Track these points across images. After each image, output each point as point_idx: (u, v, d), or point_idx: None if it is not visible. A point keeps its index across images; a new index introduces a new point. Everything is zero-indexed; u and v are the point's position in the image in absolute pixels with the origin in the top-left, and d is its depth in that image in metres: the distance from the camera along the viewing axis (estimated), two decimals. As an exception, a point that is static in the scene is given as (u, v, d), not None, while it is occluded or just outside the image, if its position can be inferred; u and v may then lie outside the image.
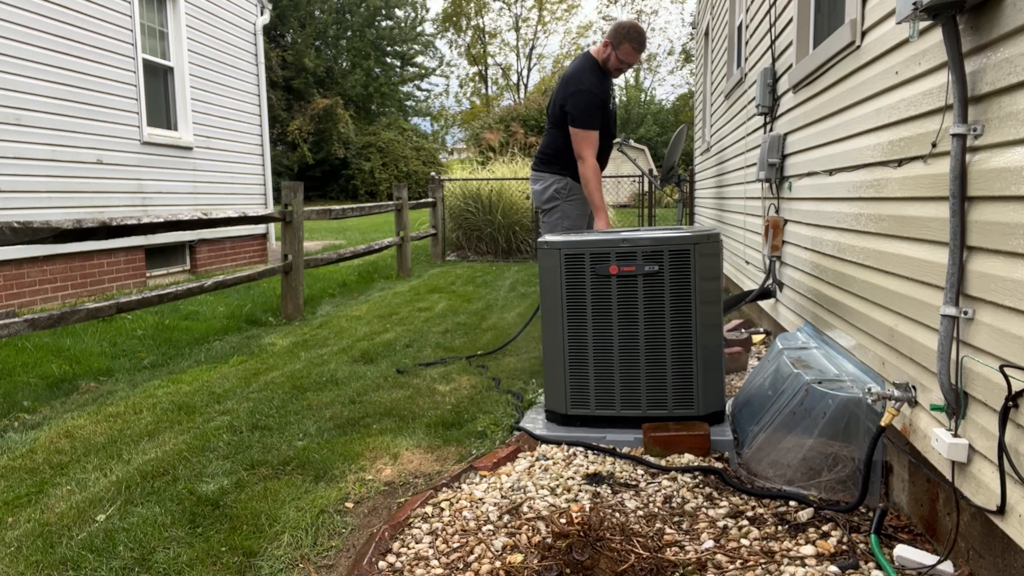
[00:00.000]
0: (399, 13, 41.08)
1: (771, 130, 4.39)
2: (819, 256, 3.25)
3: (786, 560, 1.96)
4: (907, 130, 2.21)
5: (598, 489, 2.46)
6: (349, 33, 39.58)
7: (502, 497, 2.41)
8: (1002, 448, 1.61)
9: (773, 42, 4.41)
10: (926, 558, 1.87)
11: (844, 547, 2.01)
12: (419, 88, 45.46)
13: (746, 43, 5.72)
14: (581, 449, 2.81)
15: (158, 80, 8.36)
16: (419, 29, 42.44)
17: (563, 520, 2.09)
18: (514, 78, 48.43)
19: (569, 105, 3.93)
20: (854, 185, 2.73)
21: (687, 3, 45.63)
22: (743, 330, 4.72)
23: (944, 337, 1.83)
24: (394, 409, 3.37)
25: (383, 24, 40.70)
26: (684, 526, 2.18)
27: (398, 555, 2.07)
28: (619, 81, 46.32)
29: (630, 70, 4.22)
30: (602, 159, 4.19)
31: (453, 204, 11.28)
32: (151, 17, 8.23)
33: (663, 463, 2.67)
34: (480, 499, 2.40)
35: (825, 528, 2.13)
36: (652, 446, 2.75)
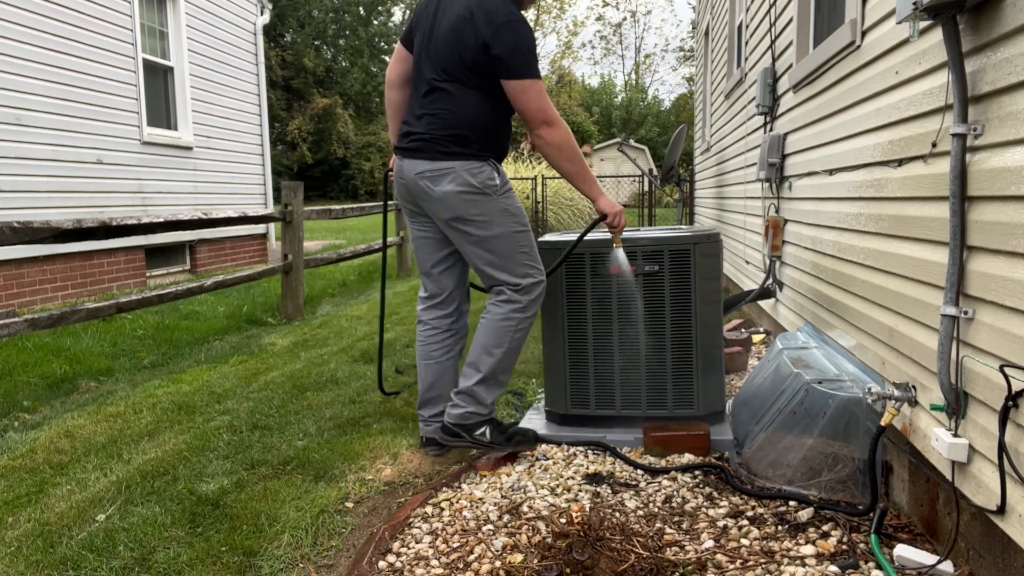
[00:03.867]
0: (395, 10, 41.14)
1: (771, 130, 4.39)
2: (819, 256, 3.25)
3: (786, 560, 1.96)
4: (907, 130, 2.21)
5: (598, 489, 2.46)
6: (347, 32, 39.61)
7: (502, 497, 2.41)
8: (1002, 448, 1.61)
9: (773, 42, 4.41)
10: (926, 558, 1.87)
11: (844, 547, 2.01)
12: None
13: (746, 43, 5.72)
14: (581, 449, 2.81)
15: (158, 80, 8.36)
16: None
17: (563, 520, 2.09)
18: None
19: (504, 45, 2.51)
20: (854, 185, 2.73)
21: None
22: (743, 330, 4.72)
23: (944, 337, 1.83)
24: (394, 409, 3.37)
25: (380, 21, 40.74)
26: (684, 526, 2.18)
27: (398, 555, 2.07)
28: (619, 81, 46.18)
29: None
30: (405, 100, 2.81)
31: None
32: (151, 17, 8.22)
33: (663, 463, 2.67)
34: (480, 499, 2.40)
35: (825, 528, 2.13)
36: (652, 446, 2.75)
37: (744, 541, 2.07)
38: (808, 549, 2.00)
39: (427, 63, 2.67)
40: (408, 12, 42.12)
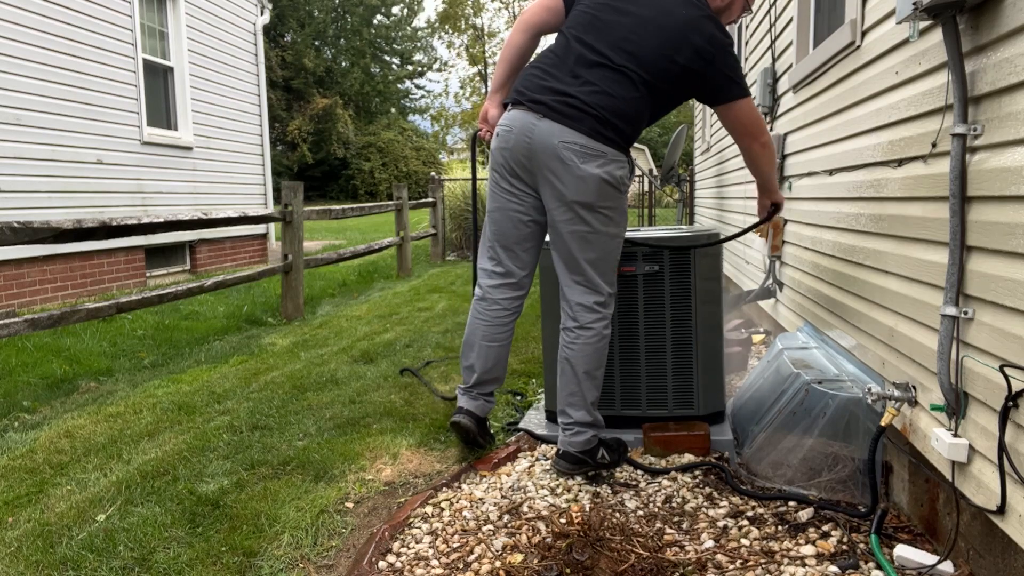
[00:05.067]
0: (396, 11, 41.18)
1: (771, 130, 4.39)
2: (819, 256, 3.25)
3: (786, 560, 1.96)
4: (907, 130, 2.21)
5: (598, 489, 2.46)
6: (348, 32, 39.66)
7: (502, 497, 2.41)
8: (1002, 448, 1.61)
9: (773, 42, 4.41)
10: (926, 558, 1.87)
11: (844, 547, 2.01)
12: (417, 86, 45.53)
13: (746, 43, 5.72)
14: (581, 449, 2.81)
15: (158, 80, 8.36)
16: (415, 25, 42.55)
17: (563, 520, 2.09)
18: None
19: (729, 68, 2.48)
20: (854, 185, 2.73)
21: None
22: (743, 330, 4.72)
23: (944, 337, 1.83)
24: (394, 409, 3.37)
25: (380, 22, 40.79)
26: (684, 526, 2.18)
27: (398, 555, 2.07)
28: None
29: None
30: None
31: (453, 204, 11.28)
32: (151, 17, 8.23)
33: (663, 463, 2.67)
34: (480, 499, 2.40)
35: (825, 528, 2.13)
36: (652, 446, 2.75)
37: (744, 541, 2.07)
38: (808, 549, 2.00)
39: (605, 36, 2.45)
40: (407, 12, 42.08)
